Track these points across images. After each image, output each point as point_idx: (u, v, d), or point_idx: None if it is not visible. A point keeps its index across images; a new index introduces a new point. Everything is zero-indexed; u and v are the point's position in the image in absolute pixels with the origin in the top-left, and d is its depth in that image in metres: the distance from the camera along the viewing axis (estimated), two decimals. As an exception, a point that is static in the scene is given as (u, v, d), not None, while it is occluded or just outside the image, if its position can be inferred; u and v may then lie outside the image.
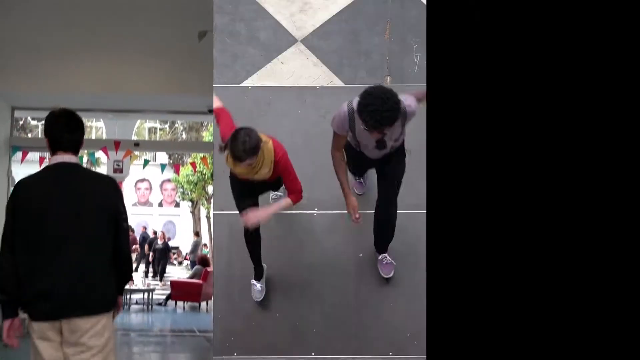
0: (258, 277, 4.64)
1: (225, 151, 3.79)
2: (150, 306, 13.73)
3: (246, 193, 4.20)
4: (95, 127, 28.41)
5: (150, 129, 30.10)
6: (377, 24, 4.75)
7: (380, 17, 4.75)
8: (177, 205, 30.28)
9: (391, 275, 4.60)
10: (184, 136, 28.70)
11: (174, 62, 8.87)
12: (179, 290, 14.18)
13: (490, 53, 2.25)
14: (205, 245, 22.85)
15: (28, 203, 3.21)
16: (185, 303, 14.36)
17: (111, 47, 8.83)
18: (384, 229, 4.48)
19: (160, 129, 30.06)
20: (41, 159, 13.03)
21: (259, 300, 4.62)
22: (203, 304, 14.32)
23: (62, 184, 3.25)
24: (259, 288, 4.63)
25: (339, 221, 4.44)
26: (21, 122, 25.88)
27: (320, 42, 4.78)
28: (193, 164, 18.15)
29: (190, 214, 27.84)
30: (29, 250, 3.15)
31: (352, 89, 4.62)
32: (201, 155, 17.30)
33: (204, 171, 21.83)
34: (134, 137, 21.21)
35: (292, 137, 4.59)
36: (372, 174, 4.52)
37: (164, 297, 14.49)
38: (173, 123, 28.81)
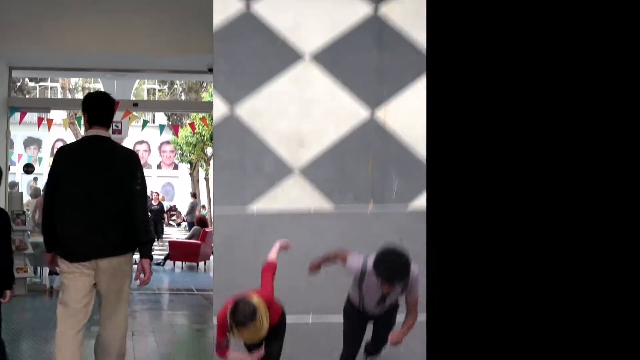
0: None
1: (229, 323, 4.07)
2: (149, 266, 13.81)
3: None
4: (94, 89, 28.31)
5: (149, 90, 29.99)
6: (362, 158, 5.40)
7: (364, 152, 5.42)
8: (176, 167, 30.30)
9: None
10: (183, 97, 28.58)
11: (173, 21, 8.83)
12: (177, 251, 14.31)
13: (485, 61, 2.28)
14: (203, 206, 22.94)
15: (65, 166, 4.16)
16: (184, 263, 14.51)
17: (110, 6, 8.78)
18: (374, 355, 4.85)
19: (159, 90, 29.95)
20: (39, 120, 13.00)
21: None
22: (201, 264, 14.47)
23: (94, 153, 4.16)
24: None
25: (334, 327, 4.69)
26: (18, 84, 25.76)
27: (315, 172, 5.39)
28: (192, 125, 18.09)
29: (189, 175, 27.87)
30: (66, 205, 4.08)
31: (343, 212, 5.28)
32: (200, 115, 17.19)
33: (203, 132, 21.74)
34: (133, 98, 21.12)
35: (289, 258, 4.89)
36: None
37: (162, 257, 14.63)
38: (172, 84, 28.69)
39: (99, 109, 4.29)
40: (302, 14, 5.27)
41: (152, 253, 4.65)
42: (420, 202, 4.92)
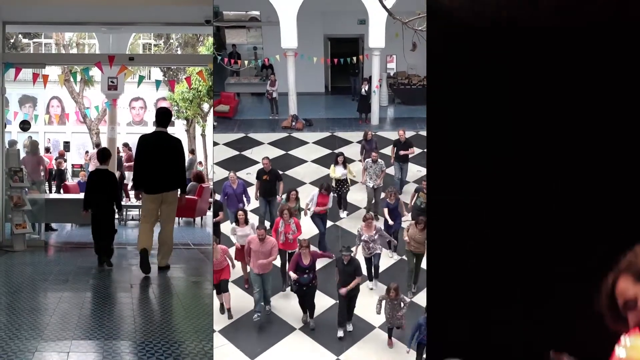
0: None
1: None
2: (146, 221, 13.92)
3: None
4: (89, 45, 28.03)
5: (144, 45, 29.73)
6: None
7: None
8: (172, 124, 30.17)
9: None
10: (179, 52, 28.32)
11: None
12: (174, 206, 14.39)
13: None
14: (200, 162, 22.98)
15: (145, 146, 8.42)
16: (180, 218, 14.63)
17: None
18: None
19: (155, 45, 29.69)
20: (34, 76, 12.93)
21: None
22: (197, 219, 14.59)
23: (159, 139, 8.41)
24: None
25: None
26: (12, 41, 25.45)
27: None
28: (188, 79, 17.97)
29: (185, 132, 27.79)
30: (146, 168, 8.31)
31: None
32: (197, 69, 16.98)
33: (200, 87, 21.59)
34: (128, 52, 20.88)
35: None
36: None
37: (160, 212, 14.72)
38: (168, 38, 28.41)
39: (159, 118, 8.53)
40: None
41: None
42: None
